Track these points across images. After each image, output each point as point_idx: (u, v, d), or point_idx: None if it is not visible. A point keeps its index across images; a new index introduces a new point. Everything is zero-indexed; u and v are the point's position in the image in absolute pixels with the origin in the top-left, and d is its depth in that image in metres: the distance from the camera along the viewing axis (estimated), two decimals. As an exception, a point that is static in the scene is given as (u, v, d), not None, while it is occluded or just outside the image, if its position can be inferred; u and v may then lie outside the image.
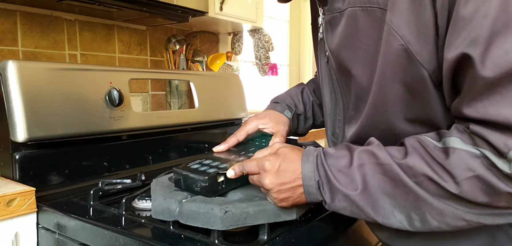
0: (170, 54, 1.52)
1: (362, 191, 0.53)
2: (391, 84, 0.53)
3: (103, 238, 0.69)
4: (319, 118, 0.91)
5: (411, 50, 0.49)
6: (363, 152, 0.55)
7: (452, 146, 0.48)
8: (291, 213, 0.64)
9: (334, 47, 0.61)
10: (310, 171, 0.57)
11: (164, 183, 0.73)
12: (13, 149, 0.87)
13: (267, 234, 0.63)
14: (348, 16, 0.56)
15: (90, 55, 1.31)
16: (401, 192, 0.51)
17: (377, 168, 0.53)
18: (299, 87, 0.91)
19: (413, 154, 0.51)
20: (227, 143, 0.78)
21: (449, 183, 0.48)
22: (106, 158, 1.03)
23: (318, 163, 0.57)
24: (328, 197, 0.56)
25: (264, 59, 1.80)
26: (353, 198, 0.54)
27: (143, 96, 1.47)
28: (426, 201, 0.50)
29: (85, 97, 0.96)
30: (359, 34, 0.55)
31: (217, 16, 1.40)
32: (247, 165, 0.63)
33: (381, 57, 0.52)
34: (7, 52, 1.11)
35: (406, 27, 0.49)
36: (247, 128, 0.80)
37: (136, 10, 1.16)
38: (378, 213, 0.53)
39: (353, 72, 0.58)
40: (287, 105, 0.86)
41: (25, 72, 0.87)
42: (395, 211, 0.52)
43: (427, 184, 0.49)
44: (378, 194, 0.53)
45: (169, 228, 0.65)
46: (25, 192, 0.80)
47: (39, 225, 0.82)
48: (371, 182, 0.53)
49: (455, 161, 0.47)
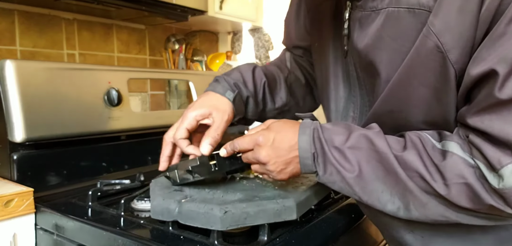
0: (170, 53, 1.51)
1: (357, 175, 0.54)
2: (418, 86, 0.52)
3: (102, 239, 0.68)
4: (268, 105, 0.81)
5: (449, 57, 0.48)
6: (362, 136, 0.55)
7: (451, 150, 0.49)
8: (291, 213, 0.63)
9: (363, 47, 0.58)
10: (306, 143, 0.57)
11: (163, 183, 0.72)
12: (11, 149, 0.86)
13: (267, 234, 0.62)
14: (387, 16, 0.54)
15: (88, 54, 1.30)
16: (393, 180, 0.53)
17: (373, 154, 0.54)
18: (250, 65, 0.80)
19: (411, 149, 0.52)
20: (164, 156, 0.71)
21: (438, 184, 0.49)
22: (105, 158, 1.02)
23: (315, 135, 0.57)
24: (321, 169, 0.57)
25: (264, 58, 1.79)
26: (346, 178, 0.55)
27: (142, 96, 1.46)
28: (412, 193, 0.51)
29: (83, 97, 0.96)
30: (399, 36, 0.53)
31: (217, 15, 1.40)
32: (238, 142, 0.62)
33: (411, 59, 0.51)
34: (5, 52, 1.11)
35: (448, 33, 0.48)
36: (186, 125, 0.69)
37: (135, 9, 1.15)
38: (365, 193, 0.55)
39: (383, 74, 0.57)
40: (231, 84, 0.74)
41: (23, 72, 0.86)
42: (382, 195, 0.54)
43: (418, 180, 0.51)
44: (371, 177, 0.54)
45: (168, 229, 0.65)
46: (23, 192, 0.80)
47: (37, 226, 0.82)
48: (366, 167, 0.54)
49: (450, 165, 0.49)
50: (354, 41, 0.60)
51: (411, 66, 0.52)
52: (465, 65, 0.49)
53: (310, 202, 0.70)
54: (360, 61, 0.61)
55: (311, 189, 0.70)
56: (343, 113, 0.69)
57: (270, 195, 0.65)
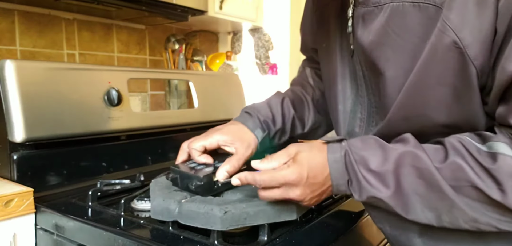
0: (170, 53, 1.51)
1: (394, 192, 0.52)
2: (436, 87, 0.50)
3: (102, 239, 0.68)
4: (297, 132, 0.83)
5: (468, 53, 0.46)
6: (401, 155, 0.52)
7: (501, 151, 0.46)
8: (291, 213, 0.63)
9: (368, 44, 0.57)
10: (339, 172, 0.55)
11: (163, 183, 0.72)
12: (11, 149, 0.86)
13: (267, 234, 0.62)
14: (392, 11, 0.53)
15: (88, 54, 1.30)
16: (436, 196, 0.50)
17: (413, 171, 0.51)
18: (278, 97, 0.81)
19: (455, 156, 0.48)
20: (183, 156, 0.72)
21: (493, 190, 0.46)
22: (105, 158, 1.02)
23: (347, 161, 0.55)
24: (357, 194, 0.55)
25: (264, 58, 1.79)
26: (383, 198, 0.53)
27: (142, 96, 1.46)
28: (461, 209, 0.49)
29: (83, 97, 0.96)
30: (404, 32, 0.52)
31: (217, 15, 1.40)
32: (262, 178, 0.57)
33: (427, 58, 0.50)
34: (5, 52, 1.11)
35: (465, 28, 0.46)
36: (206, 142, 0.70)
37: (135, 9, 1.15)
38: (406, 210, 0.52)
39: (387, 73, 0.55)
40: (262, 121, 0.76)
41: (23, 72, 0.86)
42: (425, 210, 0.51)
43: (468, 190, 0.48)
44: (410, 194, 0.51)
45: (168, 229, 0.65)
46: (23, 192, 0.80)
47: (37, 226, 0.82)
48: (405, 184, 0.51)
49: (503, 167, 0.45)
50: (358, 39, 0.59)
51: (427, 65, 0.50)
52: (486, 62, 0.46)
53: (310, 202, 0.70)
54: (365, 59, 0.60)
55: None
56: (351, 115, 0.67)
57: (270, 195, 0.65)
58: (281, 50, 2.25)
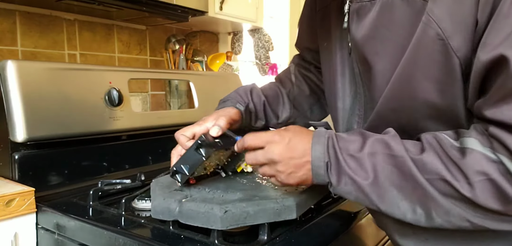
0: (170, 54, 1.51)
1: (372, 181, 0.52)
2: (421, 79, 0.51)
3: (103, 238, 0.69)
4: (271, 121, 0.86)
5: (450, 45, 0.47)
6: (377, 141, 0.53)
7: (470, 146, 0.47)
8: (291, 213, 0.63)
9: (360, 38, 0.58)
10: (320, 152, 0.56)
11: (164, 183, 0.73)
12: (12, 149, 0.87)
13: (267, 234, 0.62)
14: (382, 5, 0.54)
15: (89, 55, 1.31)
16: (410, 186, 0.50)
17: (389, 159, 0.51)
18: (247, 86, 0.86)
19: (429, 150, 0.49)
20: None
21: (462, 184, 0.46)
22: (106, 158, 1.03)
23: (329, 144, 0.55)
24: (334, 179, 0.55)
25: (264, 59, 1.80)
26: (362, 186, 0.53)
27: (143, 96, 1.47)
28: (434, 199, 0.49)
29: (84, 97, 0.96)
30: (393, 26, 0.53)
31: (217, 16, 1.40)
32: (248, 138, 0.60)
33: (413, 51, 0.50)
34: (6, 52, 1.11)
35: (448, 19, 0.46)
36: (194, 129, 0.72)
37: (136, 9, 1.15)
38: (383, 202, 0.53)
39: (376, 66, 0.56)
40: (237, 100, 0.80)
41: (24, 72, 0.86)
42: (400, 203, 0.52)
43: (439, 183, 0.48)
44: (387, 184, 0.52)
45: (169, 228, 0.65)
46: (25, 192, 0.80)
47: (39, 225, 0.82)
48: (381, 173, 0.52)
49: (471, 162, 0.46)
50: (352, 33, 0.60)
51: (413, 58, 0.51)
52: (469, 53, 0.47)
53: (310, 201, 0.70)
54: (358, 54, 0.61)
55: (310, 188, 0.70)
56: (350, 112, 0.68)
57: (270, 195, 0.66)
58: (281, 50, 2.25)
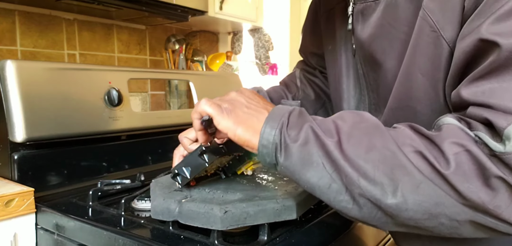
0: (170, 53, 1.51)
1: (337, 141, 0.45)
2: (418, 76, 0.50)
3: (102, 238, 0.69)
4: None
5: (443, 36, 0.46)
6: (346, 112, 0.50)
7: (446, 122, 0.44)
8: (291, 213, 0.63)
9: (366, 38, 0.58)
10: (279, 109, 0.51)
11: (164, 183, 0.72)
12: (12, 149, 0.86)
13: (267, 234, 0.62)
14: (386, 4, 0.54)
15: (89, 54, 1.30)
16: (378, 145, 0.44)
17: (359, 126, 0.46)
18: (253, 89, 0.83)
19: (403, 125, 0.46)
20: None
21: (437, 158, 0.41)
22: (105, 158, 1.02)
23: (295, 110, 0.50)
24: (290, 139, 0.47)
25: (264, 58, 1.79)
26: (325, 141, 0.45)
27: (143, 96, 1.47)
28: (405, 167, 0.42)
29: (84, 97, 0.96)
30: (397, 23, 0.53)
31: (217, 16, 1.40)
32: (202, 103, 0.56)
33: (412, 47, 0.50)
34: (5, 52, 1.11)
35: (440, 10, 0.46)
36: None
37: (135, 9, 1.15)
38: (344, 168, 0.44)
39: (385, 64, 0.56)
40: None
41: (23, 72, 0.86)
42: (367, 158, 0.44)
43: (412, 155, 0.42)
44: (355, 144, 0.45)
45: (169, 229, 0.65)
46: (24, 192, 0.80)
47: (38, 225, 0.82)
48: (347, 129, 0.46)
49: (446, 133, 0.42)
50: (358, 34, 0.60)
51: (413, 55, 0.51)
52: None
53: (310, 202, 0.70)
54: (364, 54, 0.61)
55: (311, 188, 0.70)
56: None
57: (270, 195, 0.65)
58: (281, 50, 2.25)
